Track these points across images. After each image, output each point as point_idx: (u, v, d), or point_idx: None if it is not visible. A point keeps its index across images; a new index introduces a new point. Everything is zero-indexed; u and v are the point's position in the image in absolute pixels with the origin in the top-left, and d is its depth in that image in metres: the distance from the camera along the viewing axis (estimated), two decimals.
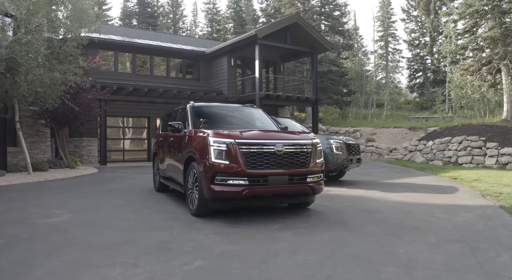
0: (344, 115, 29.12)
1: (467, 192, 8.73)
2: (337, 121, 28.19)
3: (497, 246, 4.41)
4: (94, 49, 18.20)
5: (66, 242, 4.61)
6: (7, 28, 10.25)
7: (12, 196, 7.80)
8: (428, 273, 3.60)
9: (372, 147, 20.15)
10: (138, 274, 3.55)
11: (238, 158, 5.47)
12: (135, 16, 38.94)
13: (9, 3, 10.18)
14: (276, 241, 4.67)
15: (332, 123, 27.03)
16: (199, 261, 3.94)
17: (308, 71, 26.94)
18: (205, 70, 22.25)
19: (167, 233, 5.07)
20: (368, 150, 20.30)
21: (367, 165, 16.28)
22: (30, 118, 13.18)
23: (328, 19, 28.71)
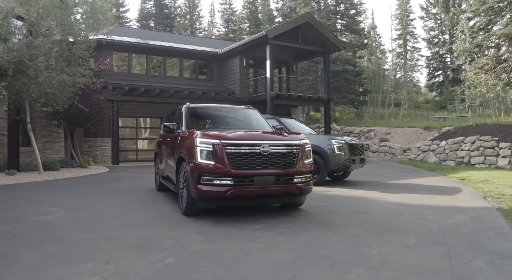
0: (360, 115, 28.80)
1: (469, 193, 8.54)
2: (352, 121, 27.90)
3: (476, 250, 4.33)
4: (108, 50, 18.61)
5: (51, 238, 4.78)
6: (18, 31, 10.62)
7: (16, 194, 8.11)
8: (394, 275, 3.58)
9: (386, 146, 19.89)
10: (108, 270, 3.67)
11: (224, 158, 5.54)
12: (152, 18, 39.56)
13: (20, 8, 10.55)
14: (254, 241, 4.72)
15: (347, 123, 26.79)
16: (171, 258, 4.04)
17: (322, 71, 26.77)
18: (218, 70, 22.42)
19: (153, 231, 5.19)
20: (381, 150, 20.06)
21: (378, 165, 16.11)
22: (44, 119, 13.61)
23: (343, 18, 28.45)
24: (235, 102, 20.90)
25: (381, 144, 20.19)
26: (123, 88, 17.00)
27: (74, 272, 3.60)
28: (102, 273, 3.61)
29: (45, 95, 10.90)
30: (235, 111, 7.98)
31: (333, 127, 24.65)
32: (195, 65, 22.63)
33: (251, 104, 20.88)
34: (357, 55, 30.16)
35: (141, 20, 39.71)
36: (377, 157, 20.06)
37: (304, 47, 20.37)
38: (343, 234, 5.05)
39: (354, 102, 28.31)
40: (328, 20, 27.01)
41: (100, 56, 16.86)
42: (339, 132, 24.41)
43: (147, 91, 17.82)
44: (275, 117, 11.44)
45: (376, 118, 29.15)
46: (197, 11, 45.46)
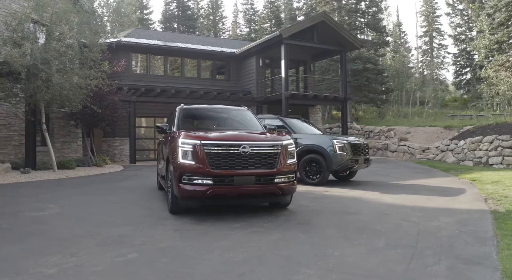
0: (382, 114, 28.24)
1: (472, 194, 8.29)
2: (374, 120, 27.45)
3: (444, 254, 4.24)
4: (127, 52, 19.18)
5: (36, 233, 5.06)
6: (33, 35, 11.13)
7: (22, 191, 8.54)
8: (342, 277, 3.58)
9: (405, 146, 19.47)
10: (69, 262, 3.88)
11: (203, 158, 5.65)
12: (175, 19, 40.25)
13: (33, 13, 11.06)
14: (224, 239, 4.81)
15: (369, 122, 26.39)
16: (135, 254, 4.20)
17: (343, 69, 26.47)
18: (236, 71, 22.60)
19: (133, 228, 5.38)
20: (400, 150, 19.66)
21: (393, 165, 15.83)
22: (62, 120, 14.19)
23: (364, 16, 27.97)
24: (251, 102, 21.11)
25: (400, 144, 19.78)
26: (139, 89, 17.46)
27: (38, 264, 3.82)
28: (63, 265, 3.81)
29: (58, 97, 11.38)
30: (228, 112, 8.08)
31: (353, 127, 24.37)
32: (212, 65, 22.92)
33: (267, 104, 21.10)
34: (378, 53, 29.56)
35: (164, 21, 40.51)
36: (396, 157, 19.68)
37: (320, 46, 20.24)
38: (315, 235, 5.06)
39: (375, 101, 27.79)
40: (348, 19, 26.64)
41: (119, 57, 17.41)
42: (359, 132, 24.11)
43: (163, 91, 18.22)
44: (279, 117, 11.46)
45: (400, 117, 28.51)
46: (220, 11, 45.89)
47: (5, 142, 12.06)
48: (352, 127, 24.40)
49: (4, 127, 12.00)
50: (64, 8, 11.24)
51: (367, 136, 23.68)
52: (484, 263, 3.92)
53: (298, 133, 10.72)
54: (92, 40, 12.38)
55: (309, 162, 10.22)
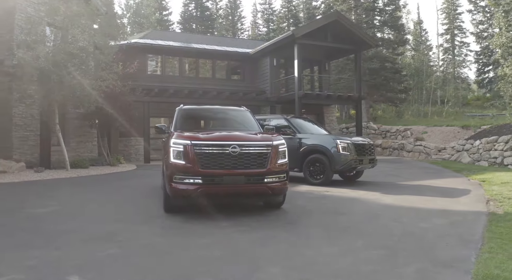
0: (400, 113, 27.74)
1: (475, 196, 8.12)
2: (392, 119, 27.03)
3: (420, 256, 4.20)
4: (142, 53, 19.55)
5: (29, 228, 5.30)
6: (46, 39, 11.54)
7: (30, 189, 8.89)
8: (305, 276, 3.61)
9: (421, 146, 19.10)
10: (51, 256, 4.10)
11: (193, 158, 5.77)
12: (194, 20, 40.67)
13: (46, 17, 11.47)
14: (207, 237, 4.92)
15: (386, 122, 26.01)
16: (116, 249, 4.37)
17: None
18: (251, 71, 22.65)
19: (123, 225, 5.56)
20: (416, 150, 19.30)
21: (406, 165, 15.59)
22: (77, 120, 14.62)
23: (381, 14, 27.54)
24: (265, 102, 21.18)
25: (416, 143, 19.42)
26: (153, 90, 17.79)
27: (22, 256, 4.05)
28: (45, 257, 4.02)
29: (71, 98, 11.76)
30: (226, 112, 8.18)
31: (369, 126, 24.08)
32: (227, 66, 23.07)
33: (281, 104, 21.09)
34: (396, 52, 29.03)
35: (183, 22, 41.00)
36: (412, 157, 19.33)
37: (334, 46, 20.09)
38: (297, 234, 5.10)
39: (393, 101, 27.33)
40: (365, 17, 26.29)
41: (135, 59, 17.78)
42: (376, 132, 23.80)
43: (177, 92, 18.49)
44: (284, 117, 11.46)
45: (420, 116, 27.97)
46: (238, 12, 46.09)
47: (22, 141, 12.55)
48: (368, 127, 24.11)
49: (21, 128, 12.48)
50: (76, 11, 11.59)
51: (383, 136, 23.36)
52: (458, 266, 3.87)
53: (303, 133, 10.71)
54: (104, 43, 12.71)
55: (313, 162, 10.20)
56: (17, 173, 11.02)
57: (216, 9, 46.33)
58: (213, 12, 44.42)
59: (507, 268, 3.73)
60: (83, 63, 11.96)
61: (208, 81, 21.43)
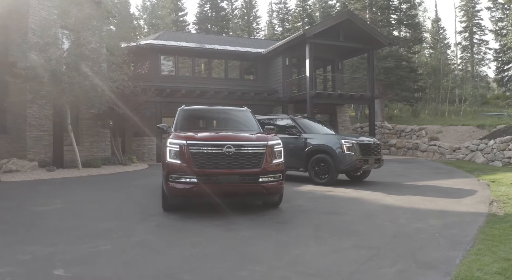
0: (416, 113, 27.30)
1: (480, 196, 7.99)
2: (407, 119, 26.66)
3: (406, 256, 4.19)
4: (156, 54, 19.85)
5: (29, 225, 5.50)
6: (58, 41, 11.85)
7: (39, 188, 9.16)
8: (286, 274, 3.67)
9: (435, 146, 18.81)
10: (44, 251, 4.28)
11: (189, 158, 5.88)
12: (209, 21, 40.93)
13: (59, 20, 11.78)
14: (198, 235, 5.02)
15: (402, 121, 25.67)
16: (108, 246, 4.51)
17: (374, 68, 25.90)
18: (263, 70, 22.69)
19: (120, 223, 5.71)
20: (430, 149, 19.01)
21: (418, 165, 15.39)
22: (90, 120, 14.95)
23: (396, 12, 27.14)
24: (276, 101, 21.19)
25: (431, 143, 19.13)
26: (165, 90, 18.03)
27: (17, 252, 4.23)
28: (38, 253, 4.20)
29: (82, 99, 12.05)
30: (226, 113, 8.27)
31: (384, 126, 23.82)
32: (240, 66, 23.16)
33: (293, 103, 21.06)
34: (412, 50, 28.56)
35: (199, 23, 41.31)
36: (426, 157, 19.05)
37: (346, 45, 19.94)
38: (287, 233, 5.14)
39: (409, 100, 26.93)
40: (379, 15, 25.98)
41: (149, 59, 18.08)
42: (390, 131, 23.51)
43: (189, 92, 18.69)
44: (290, 117, 11.49)
45: (437, 115, 27.48)
46: (253, 11, 46.15)
47: (36, 141, 12.93)
48: (383, 127, 23.85)
49: (35, 128, 12.86)
50: (86, 14, 11.87)
51: (398, 136, 23.07)
52: (441, 268, 3.85)
53: (309, 133, 10.71)
54: (115, 45, 12.97)
55: (317, 162, 10.20)
56: (29, 171, 11.37)
57: (231, 9, 46.55)
58: (228, 12, 44.63)
59: (489, 270, 3.69)
60: (94, 65, 12.22)
61: (220, 82, 21.56)
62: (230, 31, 43.45)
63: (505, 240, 4.73)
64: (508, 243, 4.59)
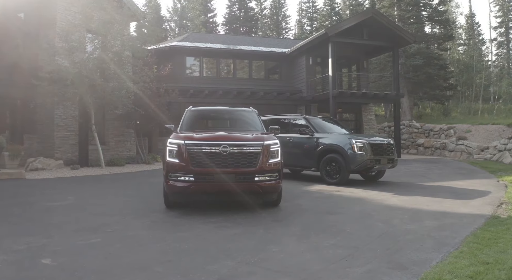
0: (447, 111, 26.41)
1: (491, 198, 7.75)
2: (438, 118, 25.88)
3: (381, 257, 4.19)
4: (181, 56, 20.34)
5: (34, 219, 5.91)
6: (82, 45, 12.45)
7: (57, 185, 9.70)
8: (253, 269, 3.79)
9: (462, 145, 18.22)
10: (39, 242, 4.62)
11: (186, 157, 6.11)
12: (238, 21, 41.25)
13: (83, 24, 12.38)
14: (187, 231, 5.24)
15: (432, 120, 24.96)
16: (98, 239, 4.81)
17: (402, 66, 25.31)
18: (287, 70, 22.72)
19: (119, 218, 6.02)
20: (458, 149, 18.44)
21: (442, 165, 15.03)
22: (115, 121, 15.56)
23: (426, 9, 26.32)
24: (299, 101, 21.18)
25: (458, 143, 18.55)
26: (188, 91, 18.46)
27: (15, 242, 4.59)
28: (33, 244, 4.54)
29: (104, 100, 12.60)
30: (231, 113, 8.45)
31: (412, 125, 23.30)
32: (265, 66, 23.29)
33: (317, 103, 20.98)
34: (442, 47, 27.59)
35: (227, 24, 41.74)
36: (453, 157, 18.49)
37: (370, 43, 19.63)
38: (274, 231, 5.25)
39: (439, 98, 26.09)
40: (407, 12, 25.31)
41: (175, 61, 18.60)
42: (418, 130, 22.97)
43: (212, 93, 19.03)
44: (303, 117, 11.51)
45: (469, 114, 26.48)
46: (282, 11, 46.08)
47: (63, 141, 13.64)
48: (411, 126, 23.32)
49: (62, 128, 13.58)
50: (108, 18, 12.39)
51: (427, 135, 22.49)
52: (412, 269, 3.83)
53: (321, 133, 10.71)
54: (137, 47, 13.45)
55: (329, 162, 10.19)
56: (54, 170, 12.02)
57: (260, 9, 46.74)
58: (257, 12, 44.87)
59: (461, 273, 3.64)
60: (117, 68, 12.72)
61: (244, 82, 21.77)
62: (259, 31, 43.63)
63: (492, 243, 4.63)
64: (494, 246, 4.49)
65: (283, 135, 11.44)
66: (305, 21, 45.57)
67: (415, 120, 24.72)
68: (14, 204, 7.08)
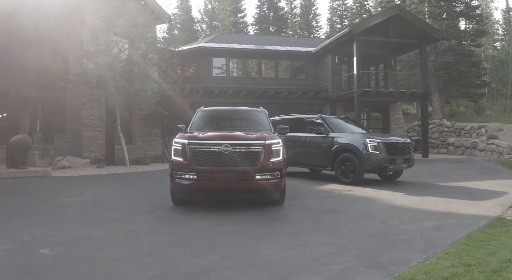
0: (480, 109, 25.44)
1: (504, 200, 7.54)
2: (472, 116, 24.99)
3: (364, 256, 4.21)
4: (207, 56, 20.76)
5: (48, 213, 6.35)
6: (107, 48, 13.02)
7: (80, 182, 10.22)
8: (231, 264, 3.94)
9: (493, 145, 17.54)
10: (44, 234, 4.98)
11: (189, 156, 6.35)
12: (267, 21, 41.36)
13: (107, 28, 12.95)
14: (185, 227, 5.50)
15: (465, 119, 24.15)
16: (100, 232, 5.13)
17: (433, 63, 24.61)
18: (313, 69, 22.65)
19: (126, 214, 6.34)
20: (488, 149, 17.77)
21: (468, 165, 14.61)
22: (142, 121, 16.14)
23: (457, 4, 25.38)
24: (324, 100, 21.08)
25: (489, 142, 17.87)
26: (213, 91, 18.81)
27: (22, 233, 4.98)
28: (38, 235, 4.92)
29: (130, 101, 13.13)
30: (240, 113, 8.65)
31: (442, 124, 22.62)
32: (291, 65, 23.32)
33: (342, 102, 20.81)
34: (474, 43, 26.53)
35: (257, 23, 41.94)
36: (483, 156, 17.84)
37: (397, 41, 19.25)
38: (267, 229, 5.38)
39: (471, 96, 25.15)
40: (438, 8, 24.51)
41: (201, 62, 19.01)
42: (449, 129, 22.26)
43: (236, 93, 19.30)
44: (320, 116, 11.51)
45: (505, 112, 25.41)
46: (313, 9, 45.77)
47: (91, 140, 14.32)
48: (441, 124, 22.64)
49: (90, 128, 14.26)
50: (131, 22, 12.89)
51: (458, 134, 21.78)
52: (389, 268, 3.84)
53: (336, 132, 10.70)
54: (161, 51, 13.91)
55: (343, 161, 10.18)
56: (80, 168, 12.66)
57: (290, 8, 46.71)
58: (287, 11, 44.86)
59: (436, 274, 3.61)
60: (140, 70, 13.19)
61: (270, 82, 21.88)
62: (289, 30, 43.59)
63: (483, 245, 4.55)
64: (484, 248, 4.43)
65: (300, 135, 11.57)
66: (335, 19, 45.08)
67: (446, 119, 23.98)
68: (33, 199, 7.60)
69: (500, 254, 4.22)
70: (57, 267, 3.81)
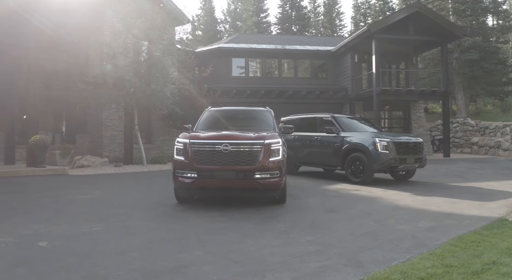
0: (507, 108, 24.58)
1: None
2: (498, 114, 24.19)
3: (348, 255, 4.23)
4: (227, 57, 21.00)
5: (56, 210, 6.66)
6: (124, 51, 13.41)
7: (94, 181, 10.57)
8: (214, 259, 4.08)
9: None
10: (46, 229, 5.24)
11: (191, 155, 6.55)
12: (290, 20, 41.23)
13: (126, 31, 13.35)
14: (182, 224, 5.69)
15: (488, 118, 23.41)
16: (99, 227, 5.37)
17: (457, 61, 23.97)
18: (333, 68, 22.53)
19: (128, 210, 6.58)
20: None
21: (488, 165, 14.35)
22: (161, 121, 16.53)
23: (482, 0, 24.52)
24: (343, 99, 20.92)
25: None
26: (231, 91, 19.02)
27: (25, 228, 5.27)
28: (40, 230, 5.19)
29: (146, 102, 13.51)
30: (246, 113, 8.80)
31: (466, 123, 22.05)
32: (310, 64, 23.25)
33: (361, 101, 20.61)
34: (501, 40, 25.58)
35: (280, 23, 41.89)
36: (507, 156, 17.33)
37: (417, 38, 18.90)
38: (260, 227, 5.49)
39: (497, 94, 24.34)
40: (462, 4, 23.78)
41: (220, 62, 19.27)
42: (473, 128, 21.68)
43: (254, 93, 19.44)
44: (331, 115, 11.47)
45: None
46: (336, 8, 45.30)
47: (111, 140, 14.81)
48: (466, 123, 22.06)
49: (110, 128, 14.75)
50: (148, 24, 13.24)
51: (482, 133, 21.17)
52: (367, 267, 3.86)
53: (347, 132, 10.67)
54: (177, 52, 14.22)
55: (353, 161, 10.16)
56: (98, 167, 13.11)
57: (313, 7, 46.42)
58: (310, 11, 44.61)
59: (412, 274, 3.60)
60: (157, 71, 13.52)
61: (290, 81, 21.90)
62: (312, 29, 43.34)
63: (472, 246, 4.49)
64: (471, 250, 4.37)
65: (312, 134, 11.61)
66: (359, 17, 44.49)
67: (471, 117, 23.33)
68: (45, 196, 7.98)
69: (487, 255, 4.17)
70: (49, 258, 4.05)
